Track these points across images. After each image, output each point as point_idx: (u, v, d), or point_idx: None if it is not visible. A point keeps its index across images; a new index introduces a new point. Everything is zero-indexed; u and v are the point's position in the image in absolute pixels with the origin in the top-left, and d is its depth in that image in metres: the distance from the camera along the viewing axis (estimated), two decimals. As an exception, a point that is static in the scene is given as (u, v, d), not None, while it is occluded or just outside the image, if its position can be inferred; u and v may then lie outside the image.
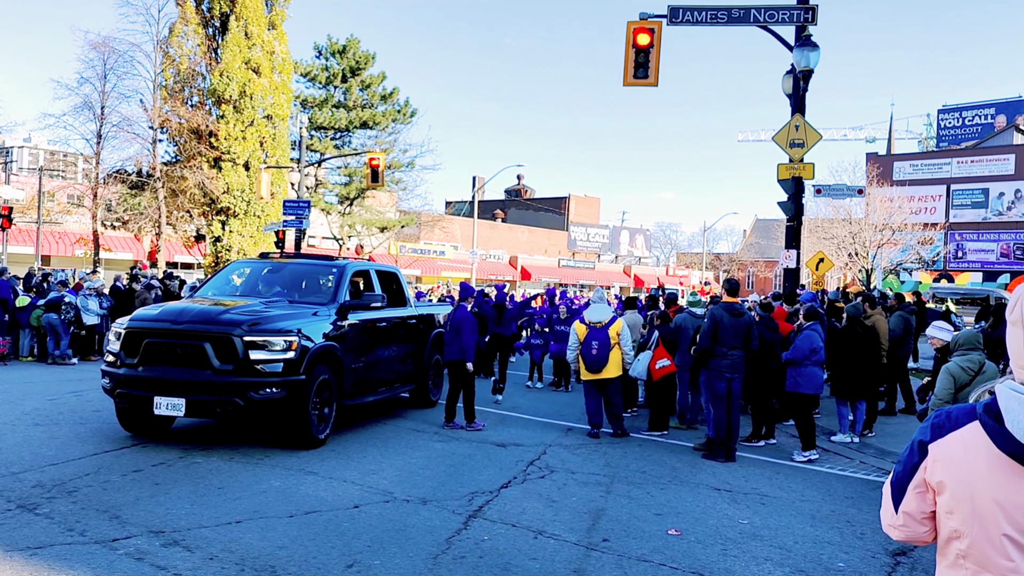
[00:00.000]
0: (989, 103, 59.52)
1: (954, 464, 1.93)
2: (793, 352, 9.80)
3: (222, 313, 8.77)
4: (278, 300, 9.79)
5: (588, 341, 10.53)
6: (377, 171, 24.64)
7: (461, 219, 59.93)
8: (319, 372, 8.95)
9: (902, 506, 2.11)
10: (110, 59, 30.19)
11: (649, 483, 8.21)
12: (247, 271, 11.36)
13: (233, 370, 8.30)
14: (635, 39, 13.79)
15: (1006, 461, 1.84)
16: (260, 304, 9.36)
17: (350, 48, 40.25)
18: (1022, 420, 1.81)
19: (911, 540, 2.13)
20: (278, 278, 10.83)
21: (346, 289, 10.18)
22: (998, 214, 49.59)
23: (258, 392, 8.32)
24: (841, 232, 39.10)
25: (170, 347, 8.50)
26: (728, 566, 5.80)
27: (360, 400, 10.21)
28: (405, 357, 11.58)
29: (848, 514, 7.37)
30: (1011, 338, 1.97)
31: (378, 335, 10.67)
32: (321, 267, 11.08)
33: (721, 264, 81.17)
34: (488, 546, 5.96)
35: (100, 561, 5.22)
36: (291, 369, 8.52)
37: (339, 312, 9.70)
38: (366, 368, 10.28)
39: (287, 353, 8.49)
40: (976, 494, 1.89)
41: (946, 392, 7.24)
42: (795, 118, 14.37)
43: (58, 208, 38.22)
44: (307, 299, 10.05)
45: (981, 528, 1.90)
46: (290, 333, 8.60)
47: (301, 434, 8.76)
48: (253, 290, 10.54)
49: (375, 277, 11.33)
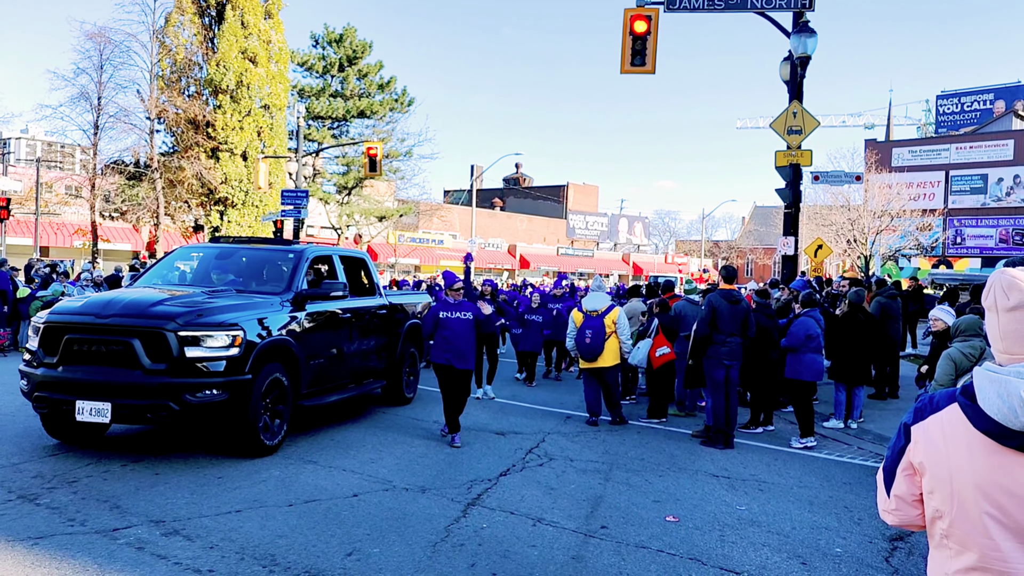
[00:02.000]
0: (988, 88, 59.36)
1: (933, 444, 1.98)
2: (789, 339, 9.83)
3: (154, 305, 7.68)
4: (225, 290, 8.84)
5: (583, 329, 10.54)
6: (375, 160, 24.62)
7: (460, 208, 59.88)
8: (269, 370, 8.00)
9: (893, 489, 2.15)
10: (106, 49, 30.14)
11: (648, 470, 8.23)
12: (197, 257, 10.34)
13: (166, 370, 7.31)
14: (632, 26, 13.75)
15: (982, 439, 1.89)
16: (201, 294, 8.37)
17: (347, 37, 40.14)
18: (992, 397, 1.86)
19: (905, 524, 2.17)
20: (229, 265, 9.88)
21: (303, 277, 9.18)
22: (997, 200, 49.54)
23: (195, 395, 7.34)
24: (839, 219, 39.04)
25: (94, 344, 7.47)
26: (726, 552, 5.83)
27: (321, 400, 9.26)
28: (375, 350, 10.67)
29: (846, 500, 7.40)
30: (988, 323, 2.03)
31: (342, 327, 9.75)
32: (276, 252, 10.02)
33: (720, 251, 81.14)
34: (487, 534, 5.98)
35: (101, 551, 5.25)
36: (235, 368, 7.57)
37: (295, 302, 8.77)
38: (328, 364, 9.38)
39: (230, 350, 7.54)
40: (954, 473, 1.94)
41: (947, 378, 7.23)
42: (793, 105, 14.35)
43: (56, 199, 38.19)
44: (259, 288, 9.12)
45: (960, 507, 1.94)
46: (233, 327, 7.63)
47: (247, 441, 7.80)
48: (204, 279, 9.65)
49: (339, 264, 10.35)
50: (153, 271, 10.03)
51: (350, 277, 10.70)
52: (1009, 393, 1.85)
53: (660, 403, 11.16)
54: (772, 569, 5.53)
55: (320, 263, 10.49)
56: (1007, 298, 1.98)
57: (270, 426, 8.09)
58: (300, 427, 9.48)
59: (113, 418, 7.29)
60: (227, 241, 10.87)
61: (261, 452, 7.92)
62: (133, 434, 8.82)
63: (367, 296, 10.84)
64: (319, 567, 5.16)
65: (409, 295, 12.82)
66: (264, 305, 8.37)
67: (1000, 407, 1.85)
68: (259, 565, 5.14)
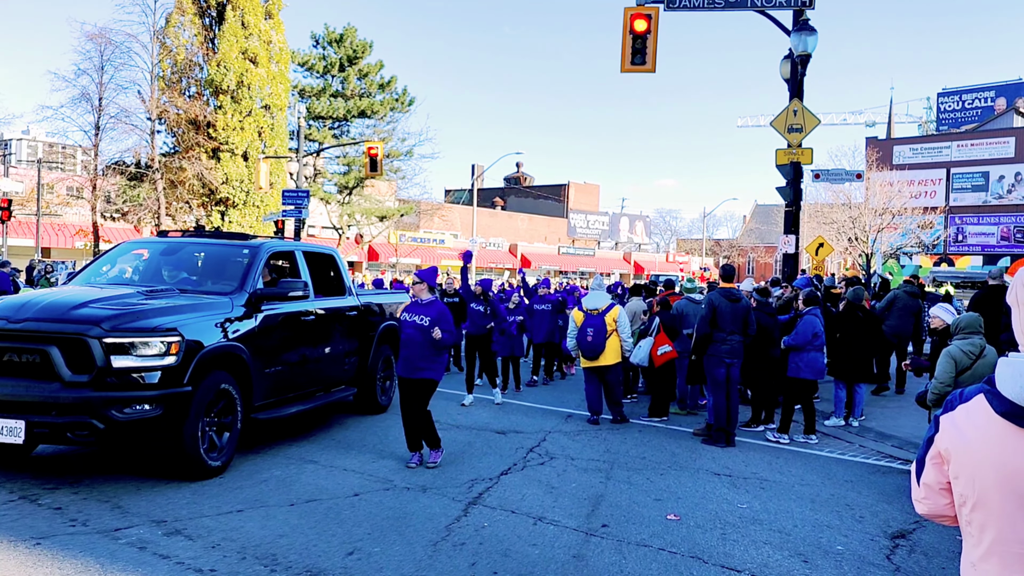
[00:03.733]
0: (989, 86, 59.33)
1: (958, 431, 2.05)
2: (795, 337, 9.82)
3: (77, 307, 6.72)
4: (165, 289, 7.85)
5: (584, 328, 10.55)
6: (376, 160, 24.62)
7: (460, 207, 59.88)
8: (214, 381, 7.11)
9: (922, 478, 2.23)
10: (107, 50, 30.19)
11: (649, 469, 8.23)
12: (141, 253, 9.36)
13: (89, 382, 6.38)
14: (632, 25, 13.74)
15: (1002, 424, 1.94)
16: (137, 294, 7.41)
17: (347, 37, 40.14)
18: (1007, 379, 1.94)
19: (935, 513, 2.23)
20: (178, 262, 8.92)
21: (258, 275, 8.26)
22: (998, 197, 49.51)
23: (124, 410, 6.40)
24: (841, 217, 39.03)
25: (5, 352, 6.52)
26: (727, 550, 5.82)
27: (279, 412, 8.32)
28: (344, 355, 9.80)
29: (848, 498, 7.40)
30: (1013, 319, 2.13)
31: (304, 331, 8.84)
32: (230, 248, 8.93)
33: (721, 250, 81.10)
34: (488, 533, 5.98)
35: (102, 551, 5.25)
36: (171, 379, 6.66)
37: (248, 304, 7.86)
38: (288, 372, 8.51)
39: (165, 358, 6.61)
40: (976, 458, 2.00)
41: (947, 375, 7.24)
42: (793, 103, 14.34)
43: (57, 200, 38.26)
44: (208, 288, 8.18)
45: (981, 492, 1.99)
46: (170, 332, 6.69)
47: (185, 462, 6.89)
48: (154, 277, 8.65)
49: (302, 260, 9.37)
50: (91, 268, 8.97)
51: (317, 275, 9.88)
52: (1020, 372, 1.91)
53: (661, 402, 11.15)
54: (774, 567, 5.53)
55: (280, 260, 9.63)
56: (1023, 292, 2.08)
57: (216, 444, 7.22)
58: (301, 428, 9.49)
59: (28, 438, 6.34)
60: (174, 235, 9.61)
61: (202, 474, 7.00)
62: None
63: (336, 296, 10.01)
64: (320, 566, 5.17)
65: (384, 294, 11.81)
66: (211, 307, 7.46)
67: (1014, 387, 1.91)
68: (260, 564, 5.15)
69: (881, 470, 8.62)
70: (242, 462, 7.75)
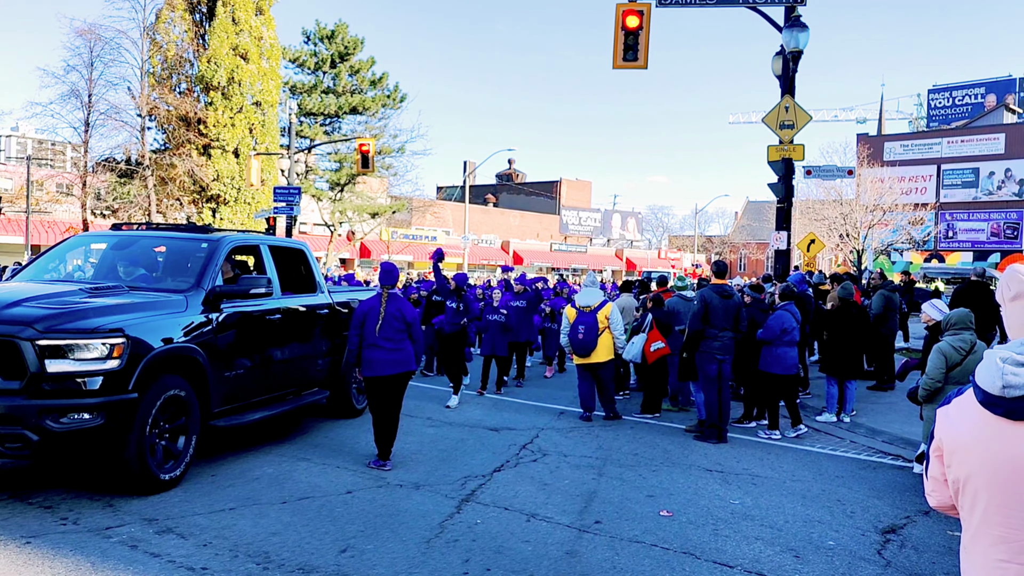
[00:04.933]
0: (979, 83, 59.61)
1: (950, 422, 2.15)
2: (764, 332, 9.84)
3: (8, 306, 6.15)
4: (112, 287, 7.26)
5: (575, 325, 10.54)
6: (367, 157, 24.56)
7: (452, 204, 59.83)
8: (165, 386, 6.56)
9: (929, 471, 2.31)
10: (96, 46, 30.00)
11: (641, 465, 8.25)
12: (95, 248, 8.80)
13: (22, 388, 5.82)
14: (624, 21, 13.73)
15: (983, 413, 2.04)
16: (80, 292, 6.85)
17: (338, 33, 40.02)
18: (982, 369, 2.06)
19: (943, 505, 2.30)
20: (131, 256, 8.36)
21: (216, 271, 7.68)
22: (988, 193, 49.73)
23: (60, 420, 5.85)
24: (832, 213, 39.10)
25: None
26: (719, 546, 5.84)
27: (241, 419, 7.75)
28: (314, 357, 9.22)
29: (838, 493, 7.43)
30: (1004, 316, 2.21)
31: (269, 331, 8.27)
32: (186, 242, 8.29)
33: (713, 246, 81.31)
34: (481, 529, 5.99)
35: (94, 549, 5.24)
36: (114, 384, 6.07)
37: (206, 302, 7.31)
38: (250, 375, 7.90)
39: (107, 362, 6.03)
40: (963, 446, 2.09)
41: (937, 371, 7.29)
42: (785, 99, 14.37)
43: (47, 197, 38.05)
44: (162, 285, 7.59)
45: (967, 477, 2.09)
46: (114, 333, 6.09)
47: (130, 475, 6.30)
48: (109, 274, 8.10)
49: (267, 256, 8.74)
50: (38, 264, 8.42)
51: (285, 271, 9.32)
52: (992, 362, 2.03)
53: (653, 398, 11.17)
54: (765, 562, 5.55)
55: (244, 255, 9.06)
56: (1009, 289, 2.17)
57: (168, 455, 6.72)
58: (292, 426, 9.48)
59: None
60: (127, 229, 8.98)
61: (151, 488, 6.44)
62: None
63: (306, 293, 9.40)
64: (313, 564, 5.16)
65: (358, 291, 11.14)
66: (162, 305, 6.90)
67: (986, 376, 2.03)
68: (253, 563, 5.14)
69: (872, 466, 8.65)
70: (234, 460, 7.73)
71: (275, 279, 8.55)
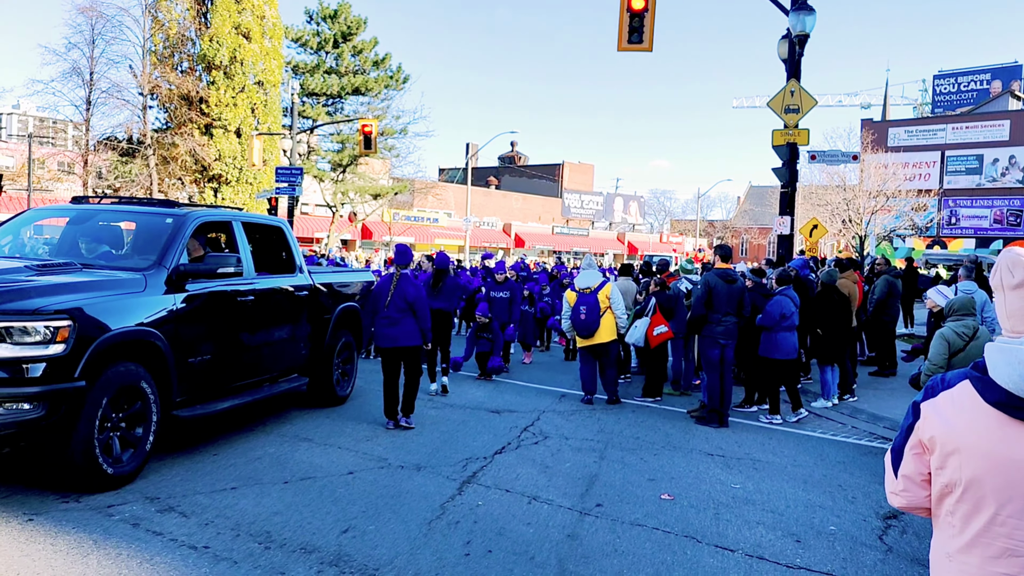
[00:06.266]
0: (985, 68, 59.22)
1: (943, 419, 1.98)
2: (764, 317, 9.81)
3: None
4: (64, 264, 6.60)
5: (576, 307, 10.50)
6: (370, 138, 24.46)
7: (455, 186, 59.70)
8: (119, 374, 6.02)
9: (901, 469, 2.14)
10: (98, 24, 29.80)
11: (643, 449, 8.25)
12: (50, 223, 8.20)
13: None
14: (630, 3, 13.60)
15: (993, 413, 1.89)
16: (24, 270, 6.20)
17: (341, 13, 39.78)
18: (1002, 367, 1.88)
19: (912, 506, 2.15)
20: (90, 232, 7.76)
21: (181, 249, 7.08)
22: (992, 180, 49.54)
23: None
24: (835, 199, 38.95)
25: None
26: (721, 530, 5.85)
27: (208, 408, 7.22)
28: (292, 341, 8.72)
29: (840, 479, 7.43)
30: (996, 302, 2.07)
31: (240, 313, 7.69)
32: (150, 217, 7.63)
33: (715, 231, 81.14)
34: (482, 511, 5.99)
35: (96, 527, 5.24)
36: (59, 371, 5.53)
37: (169, 282, 6.74)
38: (218, 362, 7.35)
39: (50, 347, 5.49)
40: (964, 447, 1.94)
41: (940, 357, 7.25)
42: (790, 83, 14.27)
43: (48, 175, 37.89)
44: (120, 263, 6.99)
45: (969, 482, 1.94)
46: (58, 316, 5.54)
47: (77, 471, 5.79)
48: (71, 251, 7.43)
49: (240, 233, 8.13)
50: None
51: (262, 251, 8.93)
52: (1020, 361, 1.85)
53: (655, 382, 11.17)
54: (767, 547, 5.55)
55: (214, 231, 8.47)
56: (1012, 276, 2.00)
57: (127, 444, 6.23)
58: (294, 404, 9.48)
59: None
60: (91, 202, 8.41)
61: (101, 485, 5.91)
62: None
63: (283, 274, 8.88)
64: (314, 544, 5.17)
65: (342, 272, 10.59)
66: (117, 285, 6.31)
67: (1010, 375, 1.86)
68: (255, 542, 5.14)
69: (873, 451, 8.65)
70: (236, 439, 7.74)
71: (248, 258, 8.03)
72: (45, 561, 4.69)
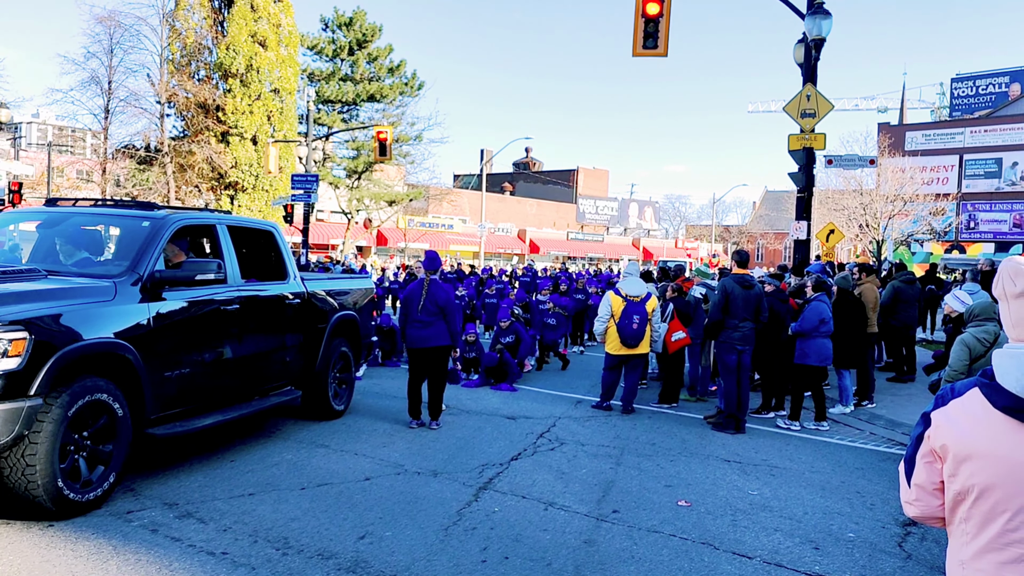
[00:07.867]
0: (1003, 71, 58.73)
1: (955, 427, 1.99)
2: (801, 323, 9.74)
3: None
4: (27, 271, 6.13)
5: (628, 314, 10.26)
6: (385, 144, 24.57)
7: (469, 192, 59.83)
8: (83, 389, 5.52)
9: (913, 478, 2.14)
10: (116, 33, 30.20)
11: (659, 455, 8.22)
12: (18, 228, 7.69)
13: None
14: (644, 8, 13.61)
15: (1003, 419, 1.89)
16: None
17: (357, 20, 40.03)
18: (1011, 372, 1.88)
19: (926, 516, 2.14)
20: (68, 236, 7.17)
21: (157, 254, 6.55)
22: (1011, 184, 49.11)
23: None
24: (852, 203, 38.75)
25: None
26: (738, 537, 5.82)
27: (188, 425, 6.67)
28: (283, 352, 8.23)
29: (858, 485, 7.38)
30: (1000, 311, 2.07)
31: (224, 323, 7.18)
32: (125, 220, 7.14)
33: (730, 236, 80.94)
34: (499, 518, 5.99)
35: (115, 533, 5.28)
36: (13, 388, 5.05)
37: (144, 290, 6.26)
38: (198, 375, 6.83)
39: (3, 360, 5.01)
40: (976, 455, 1.93)
41: (961, 363, 7.17)
42: (807, 88, 14.22)
43: (67, 184, 38.31)
44: (92, 270, 6.47)
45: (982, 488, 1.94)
46: (13, 327, 5.05)
47: (37, 498, 5.27)
48: (48, 257, 6.91)
49: (225, 238, 7.57)
50: None
51: (250, 256, 8.46)
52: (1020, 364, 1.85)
53: (672, 388, 11.13)
54: (784, 554, 5.52)
55: (196, 236, 7.96)
56: (1014, 284, 2.01)
57: (87, 469, 5.68)
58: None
59: None
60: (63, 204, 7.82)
61: (62, 511, 5.41)
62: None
63: (274, 281, 8.36)
64: (332, 550, 5.18)
65: (339, 280, 9.99)
66: (83, 293, 5.84)
67: (1019, 380, 1.86)
68: (272, 548, 5.16)
69: (891, 457, 8.58)
70: (253, 446, 7.78)
71: (233, 264, 7.50)
72: (66, 566, 4.72)
